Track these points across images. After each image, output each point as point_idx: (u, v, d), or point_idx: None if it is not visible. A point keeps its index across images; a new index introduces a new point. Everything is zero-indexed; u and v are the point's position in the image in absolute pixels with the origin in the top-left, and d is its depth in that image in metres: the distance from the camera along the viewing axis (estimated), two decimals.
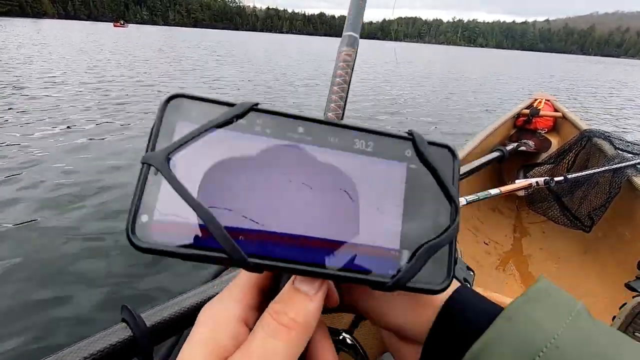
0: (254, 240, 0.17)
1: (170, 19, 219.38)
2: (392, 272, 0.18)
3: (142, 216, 0.17)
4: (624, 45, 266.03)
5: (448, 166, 0.20)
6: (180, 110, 0.18)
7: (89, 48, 13.23)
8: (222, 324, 0.18)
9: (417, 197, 0.19)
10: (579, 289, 1.35)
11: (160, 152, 0.17)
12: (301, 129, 0.19)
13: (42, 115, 4.17)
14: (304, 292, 0.17)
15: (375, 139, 0.20)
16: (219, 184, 0.17)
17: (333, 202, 0.18)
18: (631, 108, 8.51)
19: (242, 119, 0.18)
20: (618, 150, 1.54)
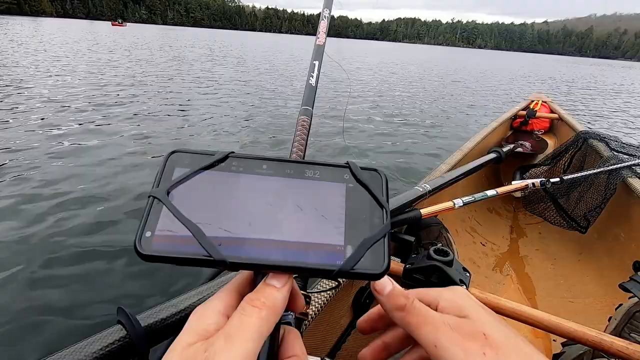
0: (230, 246, 0.22)
1: (169, 19, 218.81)
2: (339, 262, 0.22)
3: (147, 232, 0.22)
4: (622, 47, 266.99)
5: (378, 183, 0.26)
6: (178, 160, 0.26)
7: (83, 49, 12.96)
8: (207, 315, 0.22)
9: (356, 207, 0.25)
10: (575, 290, 1.36)
11: (162, 188, 0.24)
12: (265, 166, 0.26)
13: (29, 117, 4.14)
14: (272, 285, 0.22)
15: (321, 169, 0.27)
16: (204, 207, 0.24)
17: (290, 214, 0.24)
18: (624, 110, 8.55)
19: (222, 162, 0.26)
20: (614, 151, 1.55)
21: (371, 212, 0.25)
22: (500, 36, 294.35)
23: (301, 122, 0.60)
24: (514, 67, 27.08)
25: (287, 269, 0.22)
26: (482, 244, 1.63)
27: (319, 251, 0.23)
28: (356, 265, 0.22)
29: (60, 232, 2.01)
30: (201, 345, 0.20)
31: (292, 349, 0.24)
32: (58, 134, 3.61)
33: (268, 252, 0.22)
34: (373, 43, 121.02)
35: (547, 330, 0.63)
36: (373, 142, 4.18)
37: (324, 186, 0.26)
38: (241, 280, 0.25)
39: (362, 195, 0.26)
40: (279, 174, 0.26)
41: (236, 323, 0.20)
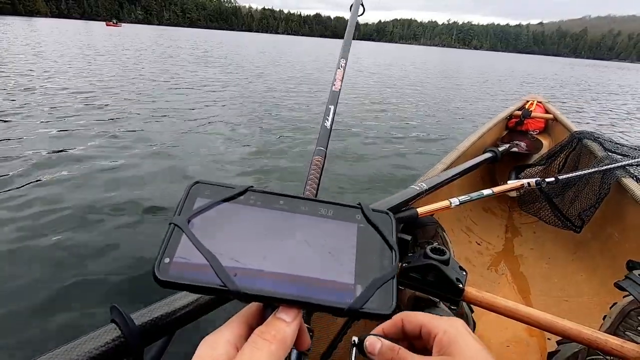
0: (245, 277, 0.23)
1: (165, 19, 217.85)
2: (349, 300, 0.23)
3: (165, 259, 0.23)
4: (616, 48, 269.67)
5: (387, 225, 0.28)
6: (199, 191, 0.27)
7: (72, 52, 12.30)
8: (217, 345, 0.22)
9: (366, 247, 0.26)
10: (570, 289, 1.37)
11: (182, 217, 0.25)
12: (282, 202, 0.27)
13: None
14: (282, 319, 0.23)
15: (334, 208, 0.28)
16: (222, 238, 0.24)
17: (303, 250, 0.25)
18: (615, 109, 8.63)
19: (241, 196, 0.27)
20: (608, 151, 1.57)
21: (381, 253, 0.26)
22: (495, 37, 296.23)
23: (315, 161, 0.64)
24: (518, 68, 27.09)
25: (298, 303, 0.23)
26: (478, 243, 1.64)
27: (330, 288, 0.23)
28: (365, 304, 0.23)
29: (57, 232, 1.99)
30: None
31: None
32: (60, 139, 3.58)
33: (281, 286, 0.23)
34: (370, 44, 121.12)
35: (542, 328, 0.63)
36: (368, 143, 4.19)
37: (337, 225, 0.27)
38: (250, 311, 0.25)
39: (373, 236, 0.27)
40: (294, 210, 0.27)
41: (248, 356, 0.21)
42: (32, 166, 2.81)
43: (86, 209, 2.25)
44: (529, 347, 1.13)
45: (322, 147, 0.67)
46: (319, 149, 0.66)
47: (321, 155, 0.65)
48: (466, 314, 1.06)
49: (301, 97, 6.87)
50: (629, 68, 64.01)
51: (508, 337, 1.16)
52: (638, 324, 0.86)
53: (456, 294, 0.70)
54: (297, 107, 5.85)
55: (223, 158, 3.33)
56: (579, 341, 0.61)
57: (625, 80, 21.94)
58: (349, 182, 3.00)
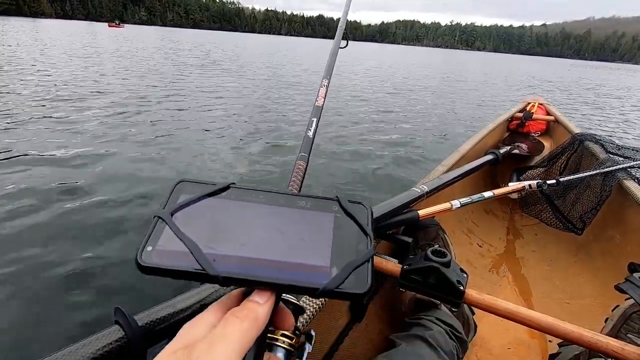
0: (223, 262, 0.24)
1: (169, 20, 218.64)
2: (324, 282, 0.24)
3: (148, 247, 0.24)
4: (620, 50, 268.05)
5: (363, 215, 0.29)
6: (184, 188, 0.29)
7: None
8: (197, 326, 0.23)
9: (342, 235, 0.27)
10: (571, 291, 1.36)
11: (167, 210, 0.26)
12: (261, 196, 0.29)
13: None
14: (255, 301, 0.24)
15: (312, 200, 0.29)
16: (203, 228, 0.26)
17: (281, 237, 0.26)
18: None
19: (223, 191, 0.29)
20: (609, 153, 1.57)
21: (357, 240, 0.27)
22: (499, 39, 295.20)
23: (298, 165, 0.68)
24: (524, 69, 26.83)
25: (274, 285, 0.24)
26: (479, 245, 1.64)
27: (305, 271, 0.24)
28: (341, 285, 0.24)
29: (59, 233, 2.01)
30: (184, 351, 0.21)
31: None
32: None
33: (258, 270, 0.24)
34: (373, 45, 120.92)
35: (543, 331, 0.63)
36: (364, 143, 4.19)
37: (314, 215, 0.28)
38: (230, 298, 0.26)
39: (349, 225, 0.28)
40: (274, 203, 0.29)
41: (218, 332, 0.22)
42: (30, 165, 2.83)
43: (89, 210, 2.27)
44: (530, 350, 1.13)
45: (305, 153, 0.71)
46: (302, 155, 0.71)
47: (304, 160, 0.69)
48: (467, 316, 1.06)
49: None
50: (636, 70, 63.40)
51: (509, 339, 1.15)
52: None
53: (457, 296, 0.70)
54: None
55: (224, 163, 3.34)
56: (579, 344, 0.61)
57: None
58: (346, 186, 3.01)
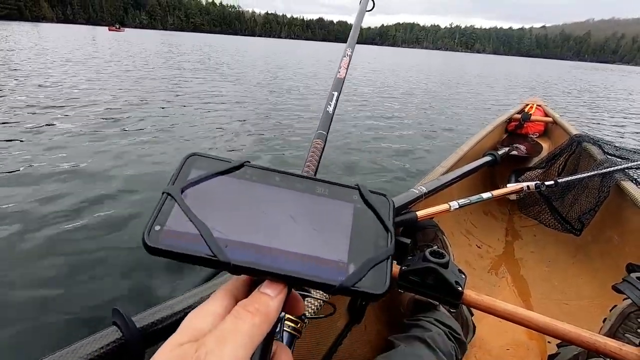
0: (235, 249, 0.23)
1: (170, 24, 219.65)
2: (340, 278, 0.23)
3: (156, 226, 0.22)
4: (619, 51, 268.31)
5: (384, 207, 0.27)
6: (195, 163, 0.26)
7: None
8: (203, 316, 0.22)
9: (362, 228, 0.26)
10: (570, 292, 1.37)
11: (176, 186, 0.25)
12: (278, 178, 0.27)
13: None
14: (266, 293, 0.23)
15: (331, 187, 0.27)
16: (215, 209, 0.24)
17: (296, 226, 0.25)
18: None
19: (237, 170, 0.26)
20: (607, 154, 1.57)
21: (376, 235, 0.26)
22: (498, 41, 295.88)
23: (315, 144, 0.64)
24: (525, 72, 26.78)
25: (288, 278, 0.23)
26: (478, 246, 1.64)
27: (321, 265, 0.23)
28: (357, 283, 0.22)
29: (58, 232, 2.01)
30: (191, 346, 0.19)
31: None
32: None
33: (271, 260, 0.23)
34: (373, 48, 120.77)
35: (541, 331, 0.63)
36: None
37: (333, 204, 0.26)
38: (236, 285, 0.25)
39: (369, 217, 0.26)
40: (290, 187, 0.26)
41: (229, 327, 0.20)
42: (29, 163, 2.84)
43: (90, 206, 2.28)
44: (529, 351, 1.13)
45: (323, 130, 0.67)
46: (320, 133, 0.66)
47: (322, 138, 0.65)
48: (466, 317, 1.07)
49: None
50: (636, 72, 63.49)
51: (508, 340, 1.15)
52: (638, 326, 0.86)
53: (455, 297, 0.70)
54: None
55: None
56: (578, 344, 0.61)
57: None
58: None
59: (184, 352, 0.19)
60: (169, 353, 0.19)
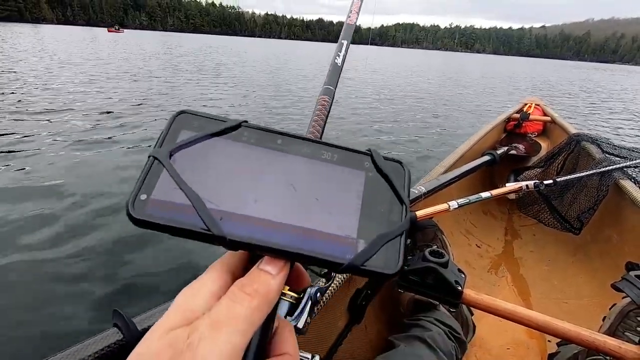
0: (232, 222, 0.20)
1: (169, 25, 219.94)
2: (349, 256, 0.20)
3: (142, 195, 0.20)
4: (619, 51, 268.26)
5: (399, 176, 0.24)
6: (185, 122, 0.23)
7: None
8: (195, 294, 0.20)
9: (374, 199, 0.23)
10: (569, 291, 1.37)
11: (164, 149, 0.22)
12: (280, 141, 0.24)
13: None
14: (267, 271, 0.20)
15: (339, 152, 0.24)
16: (208, 176, 0.21)
17: (301, 197, 0.22)
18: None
19: (233, 131, 0.23)
20: (606, 153, 1.58)
21: (390, 207, 0.23)
22: (498, 41, 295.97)
23: (321, 101, 0.57)
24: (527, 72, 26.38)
25: (291, 255, 0.20)
26: (477, 246, 1.64)
27: (328, 241, 0.21)
28: (367, 261, 0.20)
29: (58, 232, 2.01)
30: (183, 331, 0.18)
31: (285, 346, 0.22)
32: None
33: (272, 235, 0.20)
34: (372, 48, 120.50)
35: (541, 330, 0.64)
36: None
37: (342, 172, 0.23)
38: (234, 259, 0.22)
39: (382, 188, 0.23)
40: (294, 151, 0.23)
41: (224, 310, 0.18)
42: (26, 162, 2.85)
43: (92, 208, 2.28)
44: (529, 350, 1.13)
45: (331, 86, 0.59)
46: (327, 88, 0.59)
47: (329, 95, 0.58)
48: (466, 317, 1.07)
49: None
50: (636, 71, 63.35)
51: (508, 339, 1.16)
52: (637, 324, 0.86)
53: (455, 297, 0.70)
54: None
55: None
56: (577, 343, 0.61)
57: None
58: None
59: (175, 338, 0.17)
60: (158, 340, 0.17)
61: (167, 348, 0.17)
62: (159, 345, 0.17)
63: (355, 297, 0.92)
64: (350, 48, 0.66)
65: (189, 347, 0.17)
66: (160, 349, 0.17)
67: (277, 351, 0.22)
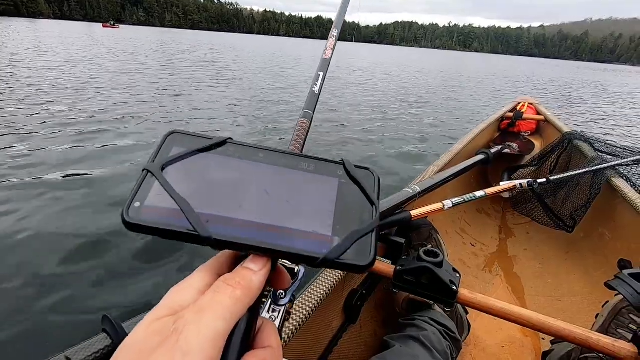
0: (218, 224, 0.22)
1: (167, 21, 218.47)
2: (325, 251, 0.22)
3: (136, 203, 0.22)
4: (617, 51, 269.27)
5: (370, 182, 0.27)
6: (176, 140, 0.26)
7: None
8: (184, 291, 0.21)
9: (346, 202, 0.26)
10: (563, 288, 1.38)
11: (156, 163, 0.24)
12: (262, 154, 0.27)
13: None
14: (249, 268, 0.22)
15: (315, 163, 0.27)
16: (196, 186, 0.24)
17: (280, 201, 0.24)
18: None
19: (219, 147, 0.26)
20: (598, 152, 1.59)
21: (361, 208, 0.25)
22: (496, 40, 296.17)
23: (301, 123, 0.63)
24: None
25: (271, 252, 0.22)
26: (472, 245, 1.65)
27: (305, 238, 0.23)
28: (342, 255, 0.22)
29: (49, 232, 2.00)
30: (170, 319, 0.19)
31: (268, 340, 0.24)
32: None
33: (254, 234, 0.22)
34: (372, 47, 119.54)
35: (534, 329, 0.65)
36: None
37: (317, 179, 0.26)
38: (220, 261, 0.24)
39: (354, 192, 0.26)
40: (274, 163, 0.26)
41: (208, 299, 0.20)
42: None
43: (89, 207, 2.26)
44: (523, 348, 1.14)
45: (309, 110, 0.67)
46: (306, 112, 0.66)
47: (307, 118, 0.65)
48: (461, 316, 1.07)
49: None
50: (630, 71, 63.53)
51: (503, 337, 1.16)
52: (629, 321, 0.87)
53: (450, 296, 0.71)
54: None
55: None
56: (571, 341, 0.62)
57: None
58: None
59: (162, 325, 0.19)
60: (147, 328, 0.19)
61: (154, 335, 0.18)
62: (146, 333, 0.19)
63: (351, 297, 0.92)
64: (348, 45, 0.65)
65: (174, 332, 0.18)
66: (147, 336, 0.18)
67: (261, 345, 0.23)
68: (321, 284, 0.76)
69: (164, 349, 0.18)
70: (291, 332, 0.64)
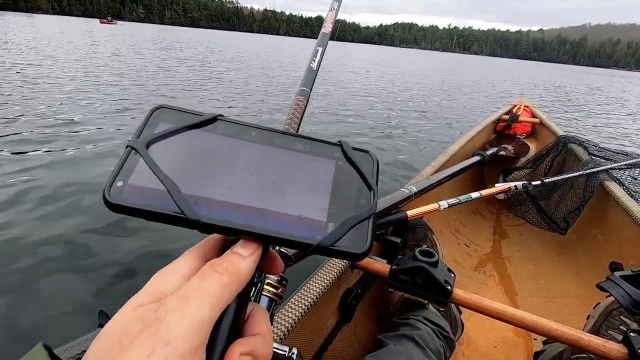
0: (206, 206, 0.21)
1: (167, 18, 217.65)
2: (319, 237, 0.21)
3: (118, 182, 0.21)
4: (615, 56, 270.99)
5: (368, 165, 0.26)
6: (163, 116, 0.24)
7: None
8: (168, 277, 0.20)
9: (343, 186, 0.24)
10: (555, 290, 1.39)
11: (141, 139, 0.23)
12: (254, 133, 0.25)
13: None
14: (238, 253, 0.21)
15: (311, 143, 0.26)
16: (184, 165, 0.22)
17: (273, 183, 0.23)
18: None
19: (209, 124, 0.24)
20: (592, 155, 1.61)
21: (358, 193, 0.24)
22: (495, 43, 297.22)
23: (297, 101, 0.61)
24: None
25: (262, 237, 0.21)
26: (466, 245, 1.66)
27: (298, 224, 0.22)
28: (337, 242, 0.21)
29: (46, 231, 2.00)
30: (152, 306, 0.18)
31: (259, 327, 0.23)
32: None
33: (244, 218, 0.21)
34: (372, 48, 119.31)
35: (527, 329, 0.65)
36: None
37: (313, 160, 0.25)
38: (208, 245, 0.23)
39: (351, 175, 0.25)
40: (267, 142, 0.25)
41: (193, 286, 0.19)
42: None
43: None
44: (516, 348, 1.15)
45: (306, 87, 0.63)
46: (303, 90, 0.63)
47: (304, 95, 0.62)
48: (454, 315, 1.08)
49: None
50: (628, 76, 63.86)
51: (495, 337, 1.17)
52: (620, 322, 0.88)
53: (444, 296, 0.72)
54: None
55: None
56: (563, 341, 0.63)
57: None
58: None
59: (143, 312, 0.18)
60: (128, 315, 0.18)
61: (135, 321, 0.17)
62: (127, 320, 0.18)
63: (346, 296, 0.92)
64: (348, 46, 0.64)
65: (156, 319, 0.17)
66: (128, 322, 0.17)
67: (250, 332, 0.22)
68: (316, 283, 0.76)
69: (143, 337, 0.17)
70: (286, 330, 0.65)
